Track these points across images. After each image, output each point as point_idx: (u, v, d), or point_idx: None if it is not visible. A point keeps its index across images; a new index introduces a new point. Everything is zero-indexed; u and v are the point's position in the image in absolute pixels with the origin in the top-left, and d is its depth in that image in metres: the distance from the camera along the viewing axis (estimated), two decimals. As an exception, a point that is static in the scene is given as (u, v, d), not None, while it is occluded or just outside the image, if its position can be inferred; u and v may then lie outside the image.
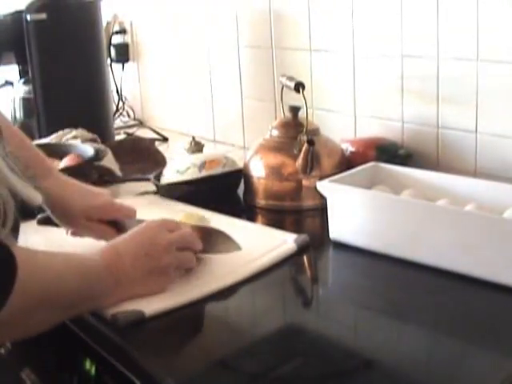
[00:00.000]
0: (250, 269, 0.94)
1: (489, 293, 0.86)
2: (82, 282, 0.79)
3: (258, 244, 1.02)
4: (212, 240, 0.96)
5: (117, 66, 2.08)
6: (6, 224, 0.71)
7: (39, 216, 1.06)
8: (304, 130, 1.23)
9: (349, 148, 1.30)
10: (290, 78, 1.26)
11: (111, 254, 0.84)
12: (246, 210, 1.29)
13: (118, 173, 1.34)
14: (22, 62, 1.65)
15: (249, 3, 1.63)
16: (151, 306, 0.83)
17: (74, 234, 1.04)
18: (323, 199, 1.08)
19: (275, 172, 1.23)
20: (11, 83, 1.81)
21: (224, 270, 0.94)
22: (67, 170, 1.14)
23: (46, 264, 0.75)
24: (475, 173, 1.23)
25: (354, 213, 1.03)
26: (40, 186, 0.87)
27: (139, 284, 0.84)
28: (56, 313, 0.77)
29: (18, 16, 1.58)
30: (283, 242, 1.03)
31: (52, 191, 0.98)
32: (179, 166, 1.30)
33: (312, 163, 1.18)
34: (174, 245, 0.87)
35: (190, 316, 0.86)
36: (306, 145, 1.18)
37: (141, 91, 2.11)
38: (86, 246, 1.00)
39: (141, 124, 2.09)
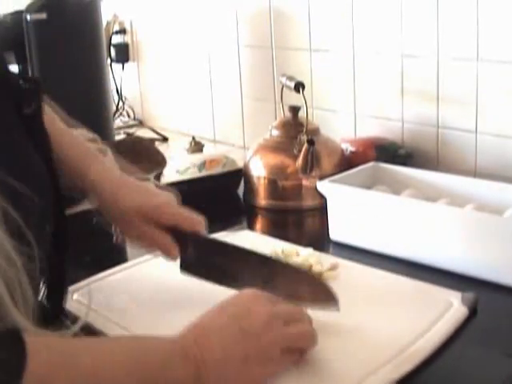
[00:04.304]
0: (417, 353, 0.69)
1: (489, 292, 0.86)
2: (144, 377, 0.57)
3: (412, 308, 0.79)
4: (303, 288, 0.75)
5: (117, 66, 2.08)
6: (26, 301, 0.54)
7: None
8: (304, 129, 1.23)
9: (349, 148, 1.30)
10: (290, 78, 1.26)
11: (196, 334, 0.62)
12: (245, 210, 1.29)
13: (118, 173, 1.34)
14: (22, 61, 1.65)
15: (249, 3, 1.63)
16: None
17: (122, 236, 0.87)
18: (323, 199, 1.08)
19: (275, 172, 1.23)
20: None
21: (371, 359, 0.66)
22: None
23: (77, 359, 0.54)
24: (475, 173, 1.23)
25: (353, 213, 1.03)
26: (83, 176, 0.82)
27: (232, 379, 0.61)
28: None
29: (17, 16, 1.58)
30: (448, 304, 0.79)
31: (99, 185, 0.83)
32: (179, 166, 1.31)
33: (312, 163, 1.18)
34: (278, 318, 0.63)
35: None
36: (305, 145, 1.18)
37: (141, 91, 2.10)
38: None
39: (141, 124, 2.09)
